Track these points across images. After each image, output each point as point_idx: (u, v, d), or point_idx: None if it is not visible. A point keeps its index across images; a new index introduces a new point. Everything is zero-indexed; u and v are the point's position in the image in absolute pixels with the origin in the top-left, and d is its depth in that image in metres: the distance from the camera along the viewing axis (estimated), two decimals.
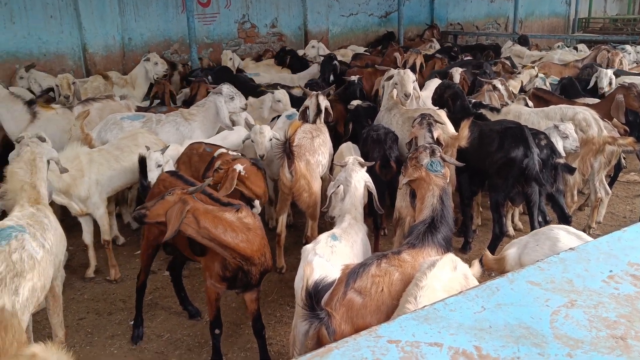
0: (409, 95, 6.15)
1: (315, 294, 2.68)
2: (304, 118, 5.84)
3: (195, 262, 4.77)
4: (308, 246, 3.45)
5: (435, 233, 3.32)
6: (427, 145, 3.81)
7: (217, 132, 6.54)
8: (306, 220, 5.75)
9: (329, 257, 3.30)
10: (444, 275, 2.75)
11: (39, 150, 3.90)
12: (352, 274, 2.93)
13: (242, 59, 10.78)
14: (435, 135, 4.95)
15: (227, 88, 6.36)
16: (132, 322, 4.59)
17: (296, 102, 7.02)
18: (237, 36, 12.13)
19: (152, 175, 4.95)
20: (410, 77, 6.15)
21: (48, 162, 4.05)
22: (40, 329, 4.45)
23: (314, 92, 5.98)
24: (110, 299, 5.11)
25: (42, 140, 4.21)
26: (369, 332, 1.48)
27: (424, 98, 6.65)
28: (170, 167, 5.22)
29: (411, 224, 3.71)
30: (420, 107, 6.34)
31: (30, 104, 6.65)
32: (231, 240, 3.36)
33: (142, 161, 4.95)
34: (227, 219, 3.38)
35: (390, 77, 6.25)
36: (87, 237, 5.46)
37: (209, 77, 8.14)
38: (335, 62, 9.10)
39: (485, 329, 1.51)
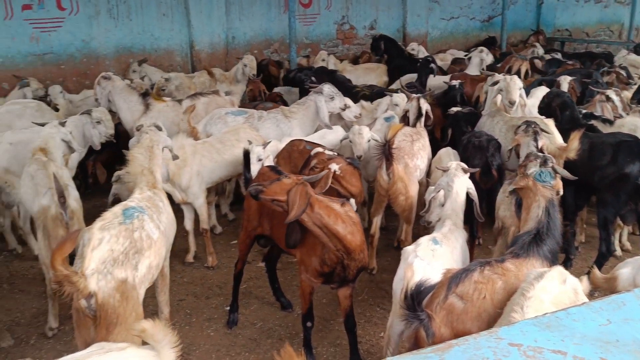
0: (513, 103, 5.95)
1: (417, 294, 2.69)
2: (404, 121, 5.82)
3: (289, 255, 4.91)
4: (409, 248, 3.46)
5: (541, 245, 3.22)
6: (539, 154, 3.69)
7: (315, 131, 6.67)
8: (399, 224, 5.74)
9: (429, 260, 3.29)
10: (553, 287, 2.66)
11: (156, 138, 4.18)
12: (454, 279, 2.91)
13: (341, 61, 10.92)
14: (540, 144, 4.78)
15: (328, 88, 6.48)
16: (227, 308, 4.81)
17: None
18: (335, 37, 12.29)
19: (254, 169, 5.14)
20: (516, 84, 5.94)
21: (163, 149, 4.34)
22: (144, 305, 4.75)
23: (415, 95, 5.94)
24: (207, 284, 5.38)
25: (159, 129, 4.50)
26: (489, 333, 1.48)
27: (529, 106, 6.41)
28: (270, 162, 5.39)
29: (515, 234, 3.61)
30: (525, 115, 6.11)
31: (144, 95, 7.12)
32: (341, 231, 3.43)
33: (247, 155, 5.16)
34: (337, 209, 3.46)
35: (496, 83, 6.08)
36: (188, 223, 5.79)
37: (312, 77, 8.30)
38: (433, 65, 8.98)
39: (612, 342, 1.46)
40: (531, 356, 1.39)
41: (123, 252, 3.06)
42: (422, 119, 5.74)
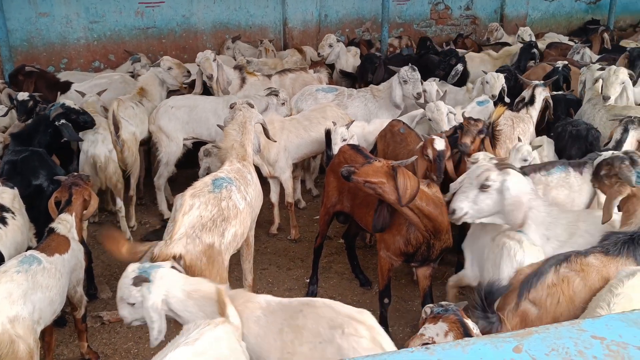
0: (607, 99, 5.46)
1: (488, 295, 2.63)
2: (517, 107, 5.68)
3: (368, 233, 4.94)
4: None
5: (638, 247, 3.02)
6: (622, 155, 3.40)
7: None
8: None
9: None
10: None
11: (249, 115, 4.35)
12: (525, 284, 2.82)
13: (440, 42, 10.65)
14: None
15: (404, 71, 6.31)
16: (307, 280, 4.95)
17: None
18: (429, 17, 11.97)
19: (336, 148, 5.21)
20: (618, 78, 5.42)
21: (255, 124, 4.49)
22: (230, 271, 4.95)
23: (534, 82, 5.77)
24: (289, 256, 5.55)
25: (251, 106, 4.66)
26: (571, 324, 1.44)
27: (637, 94, 5.95)
28: (354, 141, 5.42)
29: None
30: (631, 105, 5.67)
31: (240, 69, 7.33)
32: (433, 211, 3.46)
33: (328, 134, 5.27)
34: (426, 191, 3.47)
35: (601, 69, 5.69)
36: (274, 196, 5.98)
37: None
38: (535, 50, 8.60)
39: None
40: (614, 351, 1.34)
41: (211, 219, 3.24)
42: (535, 106, 5.56)
